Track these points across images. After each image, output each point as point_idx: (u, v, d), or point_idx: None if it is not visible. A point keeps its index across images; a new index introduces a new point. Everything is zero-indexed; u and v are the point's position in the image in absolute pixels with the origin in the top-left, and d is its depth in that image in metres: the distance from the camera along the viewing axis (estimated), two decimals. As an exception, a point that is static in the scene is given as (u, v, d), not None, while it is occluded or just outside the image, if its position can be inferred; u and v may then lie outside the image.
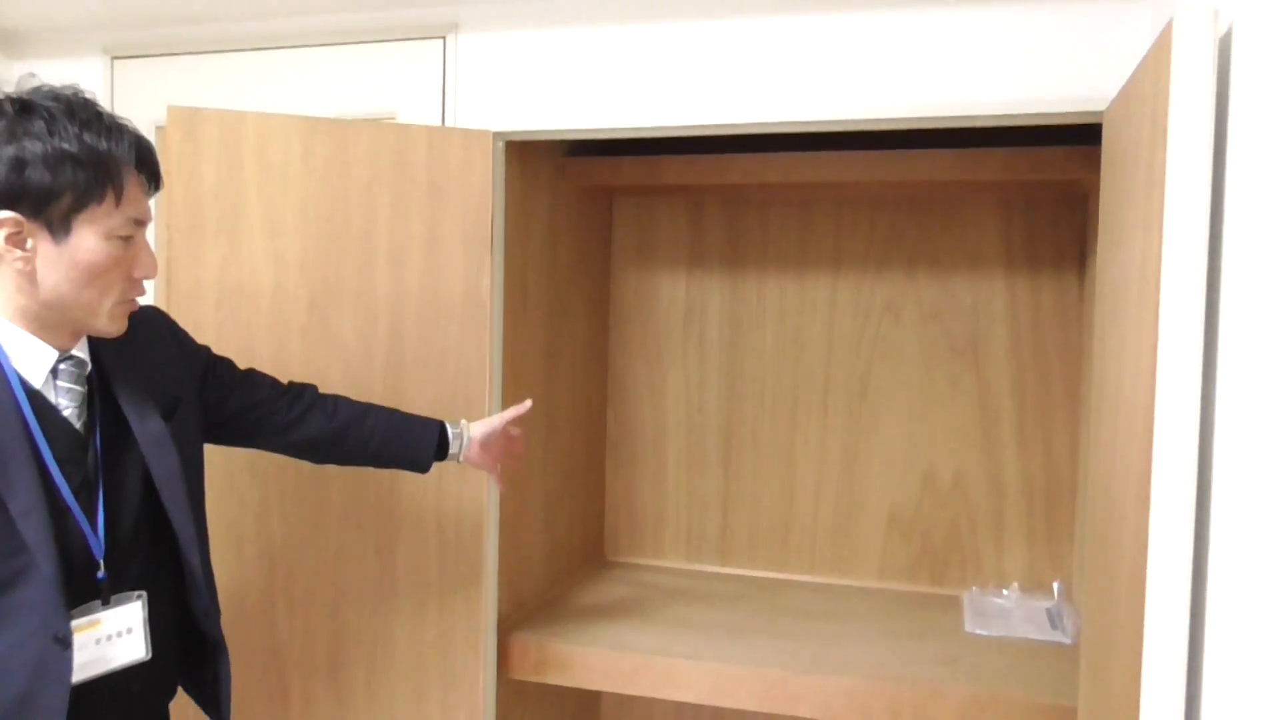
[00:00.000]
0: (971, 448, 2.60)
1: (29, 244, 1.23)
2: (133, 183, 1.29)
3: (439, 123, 2.13)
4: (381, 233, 1.96)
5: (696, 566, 2.80)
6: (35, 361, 1.29)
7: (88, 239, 1.25)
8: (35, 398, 1.29)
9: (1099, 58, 1.81)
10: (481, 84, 2.12)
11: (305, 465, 1.87)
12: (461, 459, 1.81)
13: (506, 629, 2.16)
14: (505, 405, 2.11)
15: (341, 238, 1.94)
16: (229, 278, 1.90)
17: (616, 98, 2.05)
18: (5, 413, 1.25)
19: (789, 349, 2.74)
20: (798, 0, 1.95)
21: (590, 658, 2.10)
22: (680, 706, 2.72)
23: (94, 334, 1.35)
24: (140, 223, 1.32)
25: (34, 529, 1.23)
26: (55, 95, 1.27)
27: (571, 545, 2.67)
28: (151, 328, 1.50)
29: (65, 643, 1.27)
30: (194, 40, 2.32)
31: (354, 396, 1.89)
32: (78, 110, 1.25)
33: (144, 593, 1.38)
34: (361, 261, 1.95)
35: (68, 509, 1.29)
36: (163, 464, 1.41)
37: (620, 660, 2.08)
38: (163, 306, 1.73)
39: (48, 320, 1.29)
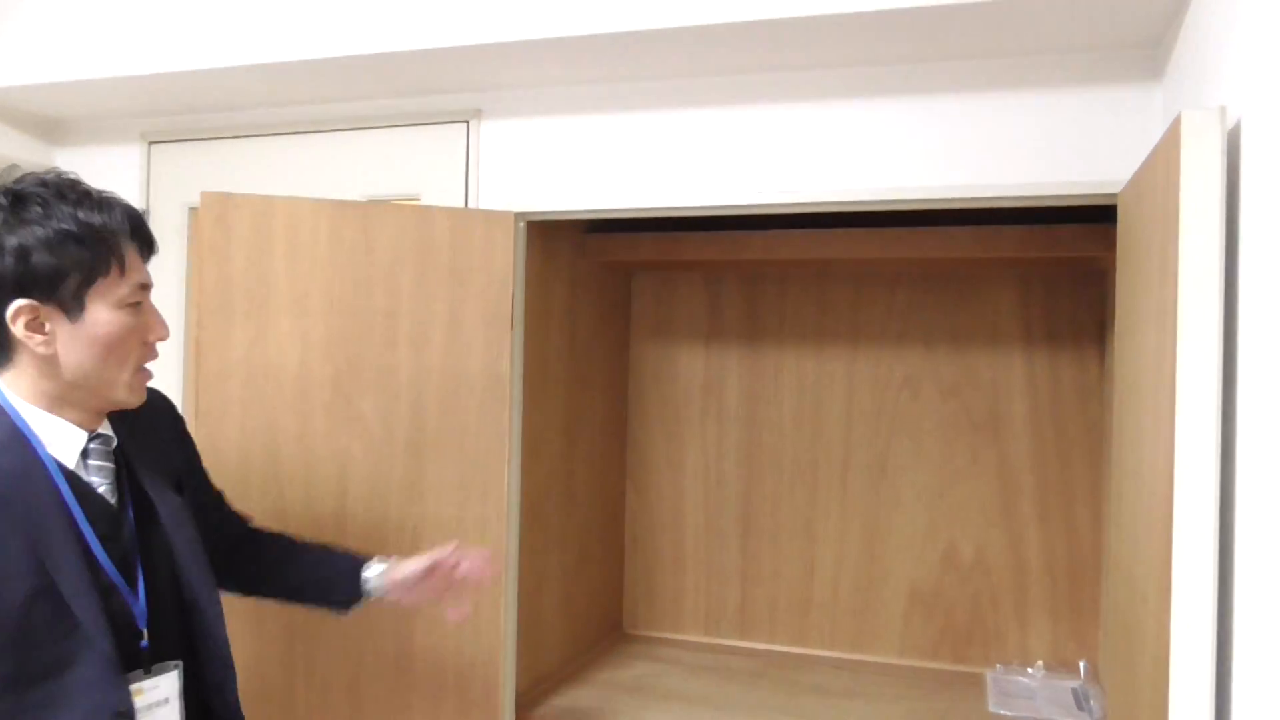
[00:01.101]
0: (993, 524, 2.59)
1: (47, 327, 1.26)
2: (131, 251, 1.31)
3: (462, 203, 2.18)
4: (404, 312, 2.00)
5: (715, 640, 2.78)
6: (67, 443, 1.31)
7: (101, 312, 1.28)
8: (72, 478, 1.31)
9: (1112, 141, 1.84)
10: (503, 166, 2.18)
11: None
12: (386, 599, 1.69)
13: (524, 705, 2.15)
14: (525, 483, 2.12)
15: (365, 317, 1.98)
16: (255, 358, 1.93)
17: (634, 179, 2.10)
18: (46, 497, 1.26)
19: (808, 423, 2.74)
20: (815, 87, 1.99)
21: (609, 737, 2.09)
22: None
23: (116, 406, 1.36)
24: (145, 287, 1.34)
25: (86, 608, 1.25)
26: (42, 181, 1.29)
27: (590, 619, 2.66)
28: (156, 407, 1.53)
29: (127, 716, 1.28)
30: (227, 126, 2.39)
31: (376, 475, 1.91)
32: (66, 191, 1.28)
33: (180, 662, 1.39)
34: (384, 341, 1.99)
35: (113, 584, 1.31)
36: (183, 535, 1.43)
37: (639, 741, 2.07)
38: (190, 387, 1.76)
39: (72, 400, 1.31)
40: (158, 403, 1.54)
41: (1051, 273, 2.55)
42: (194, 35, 2.13)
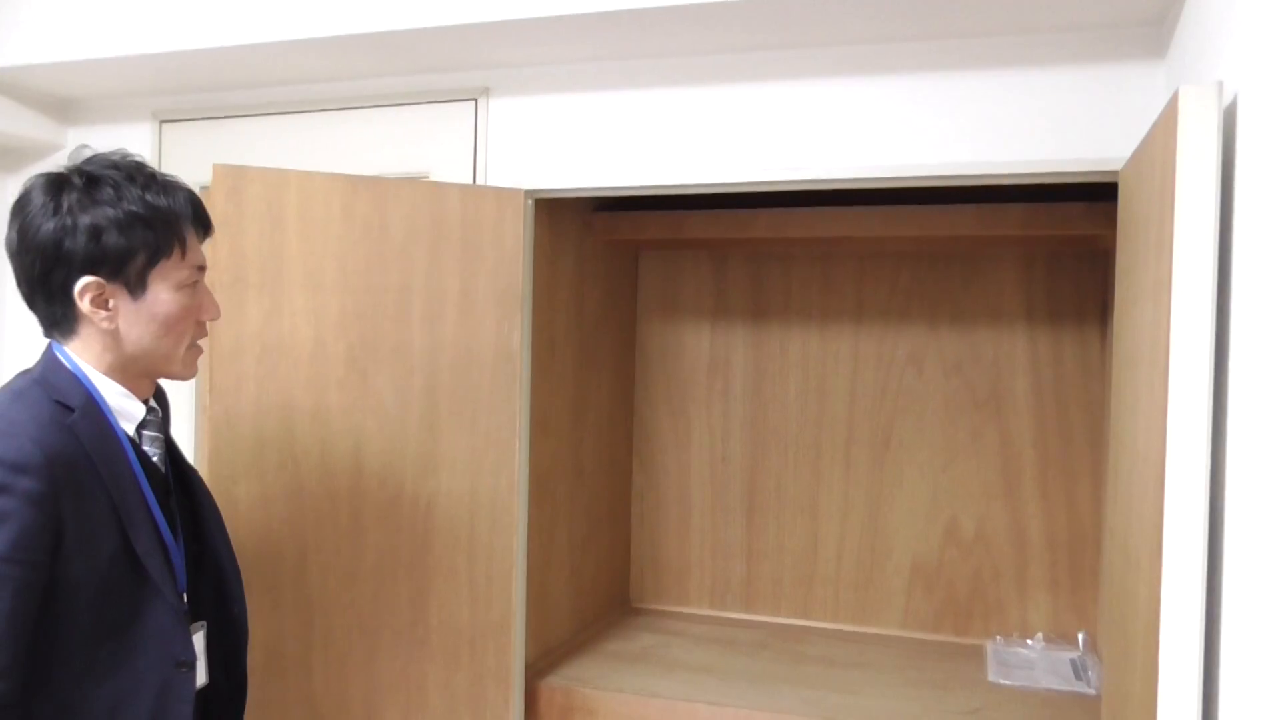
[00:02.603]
0: (994, 499, 2.63)
1: (111, 304, 1.32)
2: (191, 234, 1.37)
3: (470, 181, 2.20)
4: (417, 288, 2.02)
5: (720, 613, 2.82)
6: (130, 414, 1.38)
7: (162, 292, 1.34)
8: (135, 447, 1.38)
9: (1115, 119, 1.86)
10: (511, 144, 2.20)
11: (343, 517, 1.94)
12: None
13: (533, 675, 2.20)
14: (533, 459, 2.16)
15: (379, 294, 2.00)
16: (269, 333, 1.95)
17: (643, 157, 2.12)
18: (122, 463, 1.33)
19: (812, 400, 2.78)
20: (820, 65, 2.01)
21: (616, 703, 2.13)
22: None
23: (169, 378, 1.43)
24: (201, 269, 1.40)
25: (156, 565, 1.33)
26: (114, 164, 1.34)
27: (597, 592, 2.70)
28: (163, 392, 1.59)
29: (191, 665, 1.36)
30: (237, 105, 2.41)
31: (390, 451, 1.93)
32: (135, 174, 1.33)
33: (205, 623, 1.47)
34: (398, 317, 2.01)
35: (167, 546, 1.38)
36: (210, 504, 1.52)
37: (645, 706, 2.11)
38: (204, 362, 1.78)
39: (132, 372, 1.38)
40: (161, 388, 1.60)
41: (1054, 251, 2.58)
42: (205, 14, 2.15)
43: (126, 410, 1.37)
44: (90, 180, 1.31)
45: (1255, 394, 1.13)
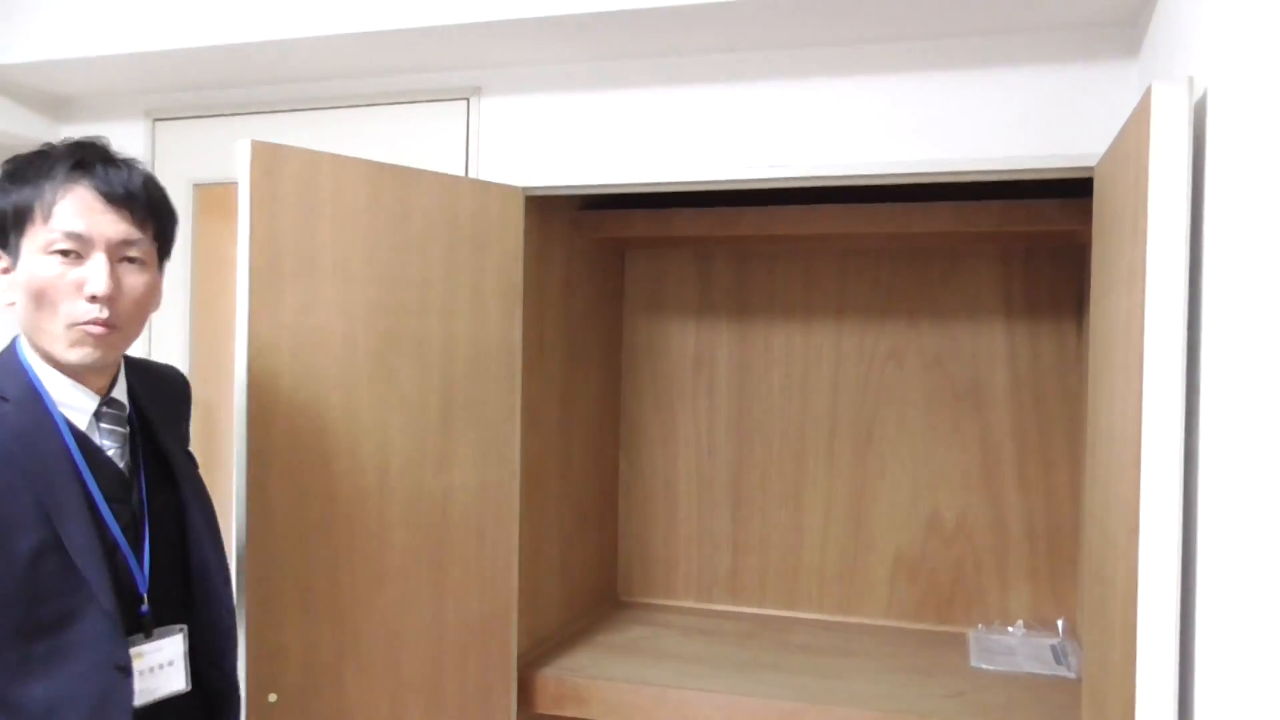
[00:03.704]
0: (975, 490, 2.68)
1: (10, 276, 1.31)
2: (71, 195, 1.28)
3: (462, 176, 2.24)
4: (435, 281, 2.00)
5: (707, 606, 2.87)
6: (79, 405, 1.34)
7: (30, 260, 1.28)
8: (83, 440, 1.34)
9: (1089, 117, 1.92)
10: (502, 142, 2.24)
11: (371, 517, 1.90)
12: None
13: (525, 665, 2.23)
14: (525, 451, 2.19)
15: (402, 285, 1.96)
16: (303, 326, 1.83)
17: (631, 155, 2.17)
18: (57, 456, 1.29)
19: (796, 395, 2.83)
20: (803, 65, 2.07)
21: (608, 691, 2.17)
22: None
23: (60, 364, 1.33)
24: (83, 238, 1.28)
25: (91, 566, 1.27)
26: (47, 143, 1.34)
27: (586, 586, 2.74)
28: (176, 384, 1.58)
29: (126, 670, 1.31)
30: (230, 103, 2.44)
31: (412, 447, 1.94)
32: (50, 151, 1.32)
33: (185, 626, 1.42)
34: (418, 310, 1.98)
35: (116, 545, 1.34)
36: (200, 503, 1.47)
37: (637, 693, 2.15)
38: (241, 357, 1.74)
39: (44, 355, 1.33)
40: (177, 379, 1.59)
41: (1031, 247, 2.64)
42: (198, 12, 2.17)
43: (73, 401, 1.33)
44: (15, 157, 1.33)
45: (1226, 376, 1.19)
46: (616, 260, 2.93)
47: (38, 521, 1.25)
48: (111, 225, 1.30)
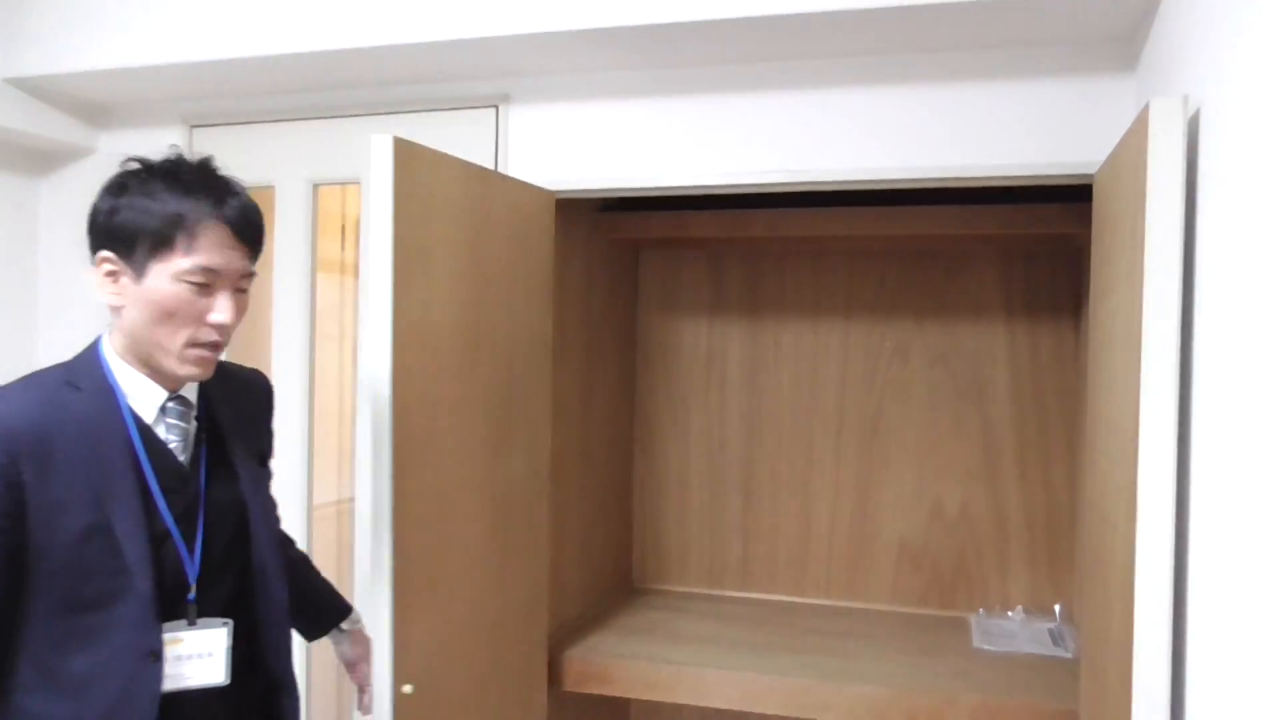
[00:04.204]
0: (976, 481, 2.80)
1: (121, 281, 1.40)
2: (211, 234, 1.39)
3: (492, 183, 2.35)
4: (503, 278, 2.08)
5: (719, 592, 2.98)
6: (147, 399, 1.44)
7: (162, 281, 1.38)
8: (146, 432, 1.44)
9: (1090, 126, 2.03)
10: (530, 148, 2.35)
11: (466, 507, 1.95)
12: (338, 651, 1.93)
13: (551, 646, 2.34)
14: (552, 444, 2.30)
15: (483, 282, 2.01)
16: (425, 323, 1.85)
17: (650, 160, 2.28)
18: (117, 445, 1.39)
19: (804, 390, 2.94)
20: (816, 75, 2.17)
21: (630, 670, 2.28)
22: (704, 715, 2.90)
23: (166, 372, 1.44)
24: (217, 272, 1.40)
25: (135, 550, 1.37)
26: (170, 159, 1.44)
27: (604, 573, 2.85)
28: (257, 387, 1.68)
29: (157, 656, 1.40)
30: (267, 110, 2.54)
31: (491, 439, 2.03)
32: (177, 171, 1.41)
33: (230, 621, 1.50)
34: (494, 305, 2.05)
35: (168, 533, 1.43)
36: (259, 501, 1.57)
37: (657, 672, 2.26)
38: (385, 353, 1.74)
39: (140, 356, 1.43)
40: (259, 383, 1.69)
41: (1032, 249, 2.75)
42: (235, 25, 2.27)
43: (142, 396, 1.43)
44: (141, 168, 1.42)
45: (1218, 369, 1.30)
46: (632, 260, 3.04)
47: (90, 503, 1.35)
48: (238, 261, 1.43)
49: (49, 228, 2.75)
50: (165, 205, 1.37)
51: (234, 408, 1.58)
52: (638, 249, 3.05)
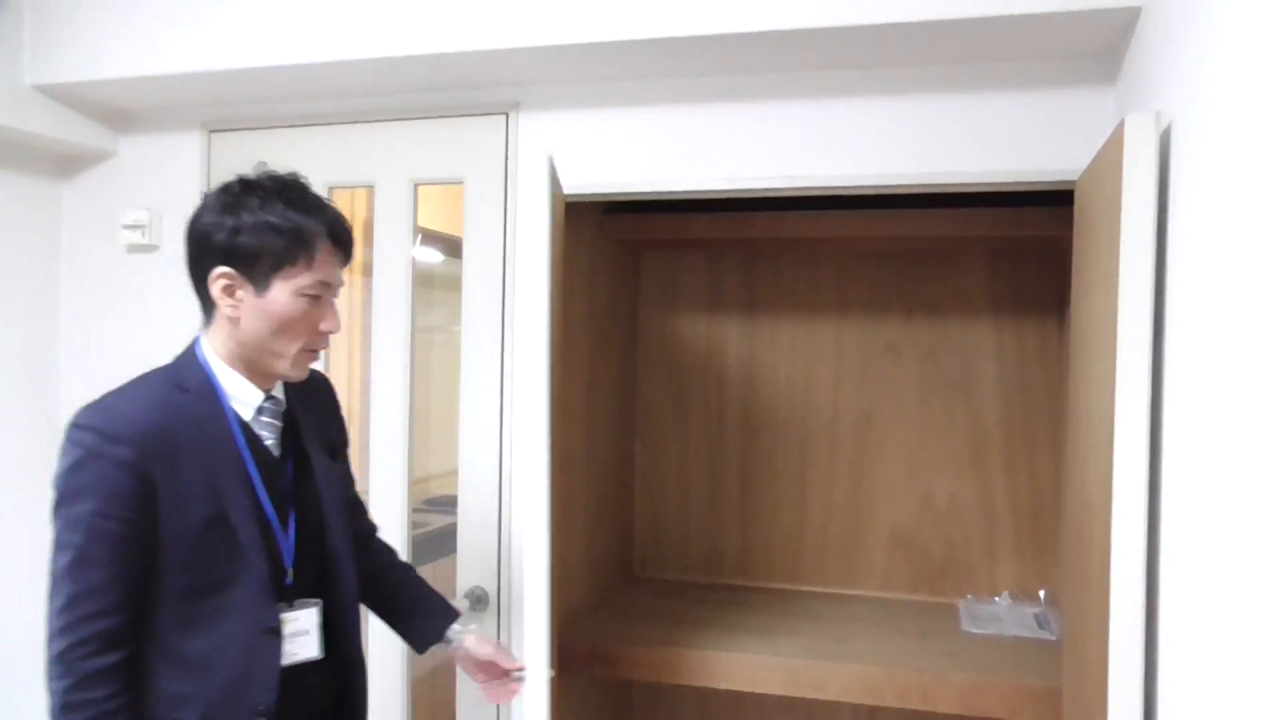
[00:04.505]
0: (965, 473, 2.92)
1: (238, 295, 1.52)
2: (323, 252, 1.54)
3: (503, 187, 2.45)
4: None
5: (718, 580, 3.09)
6: (246, 399, 1.57)
7: (282, 294, 1.51)
8: (246, 429, 1.57)
9: (1072, 136, 2.14)
10: (539, 153, 2.44)
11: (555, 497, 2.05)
12: (452, 655, 1.93)
13: (560, 630, 2.44)
14: (557, 436, 2.40)
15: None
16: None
17: (654, 164, 2.38)
18: (225, 441, 1.52)
19: (799, 385, 3.06)
20: (812, 86, 2.28)
21: (634, 653, 2.39)
22: (704, 696, 3.01)
23: (278, 376, 1.59)
24: (328, 285, 1.56)
25: (250, 538, 1.50)
26: (272, 178, 1.55)
27: (607, 562, 2.96)
28: (322, 389, 1.80)
29: (276, 632, 1.54)
30: (284, 116, 2.64)
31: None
32: (285, 190, 1.53)
33: (320, 601, 1.64)
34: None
35: (270, 523, 1.56)
36: (332, 493, 1.70)
37: (661, 654, 2.37)
38: (543, 359, 1.94)
39: (247, 360, 1.56)
40: (321, 383, 1.81)
41: (1018, 251, 2.87)
42: (256, 35, 2.35)
43: (243, 396, 1.56)
44: (246, 188, 1.52)
45: (1188, 365, 1.42)
46: (633, 260, 3.15)
47: (208, 496, 1.47)
48: (341, 274, 1.60)
49: (70, 228, 2.84)
50: (286, 225, 1.50)
51: (307, 406, 1.70)
52: (639, 249, 3.16)
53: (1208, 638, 1.28)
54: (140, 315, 2.76)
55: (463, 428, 2.48)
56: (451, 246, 2.99)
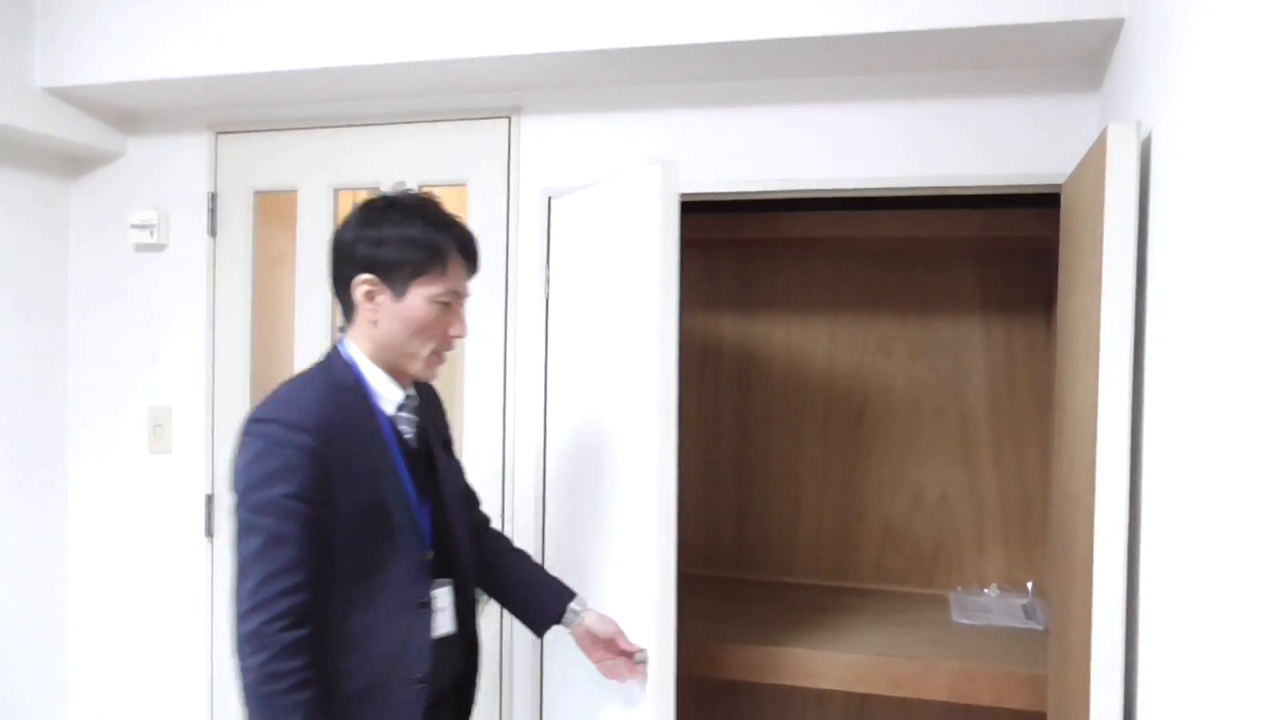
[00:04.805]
0: (955, 467, 2.99)
1: (377, 300, 1.64)
2: (455, 264, 1.67)
3: (504, 188, 2.51)
4: None
5: (713, 573, 3.16)
6: (389, 396, 1.69)
7: (418, 300, 1.64)
8: (391, 423, 1.69)
9: (1059, 140, 2.21)
10: (539, 155, 2.51)
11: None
12: (571, 634, 1.98)
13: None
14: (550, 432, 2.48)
15: None
16: None
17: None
18: (378, 433, 1.65)
19: (794, 382, 3.12)
20: (807, 92, 2.34)
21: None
22: (699, 685, 3.08)
23: (410, 376, 1.72)
24: (458, 294, 1.69)
25: (402, 520, 1.64)
26: (411, 197, 1.69)
27: (605, 555, 3.02)
28: (430, 391, 1.91)
29: (427, 606, 1.67)
30: (290, 118, 2.69)
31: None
32: (422, 208, 1.66)
33: (452, 580, 1.75)
34: None
35: (414, 508, 1.68)
36: (453, 483, 1.84)
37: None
38: (672, 361, 1.97)
39: (383, 361, 1.68)
40: (432, 388, 1.93)
41: (1006, 251, 2.94)
42: (263, 40, 2.40)
43: (386, 393, 1.69)
44: (389, 205, 1.66)
45: (1167, 362, 1.49)
46: (630, 259, 3.20)
47: (368, 482, 1.60)
48: (467, 284, 1.73)
49: (79, 227, 2.89)
50: (424, 238, 1.64)
51: (425, 406, 1.82)
52: (636, 248, 3.21)
53: (1186, 626, 1.35)
54: (148, 313, 2.82)
55: (465, 425, 2.54)
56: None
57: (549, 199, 2.45)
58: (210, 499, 2.78)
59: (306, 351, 2.71)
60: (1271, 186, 1.06)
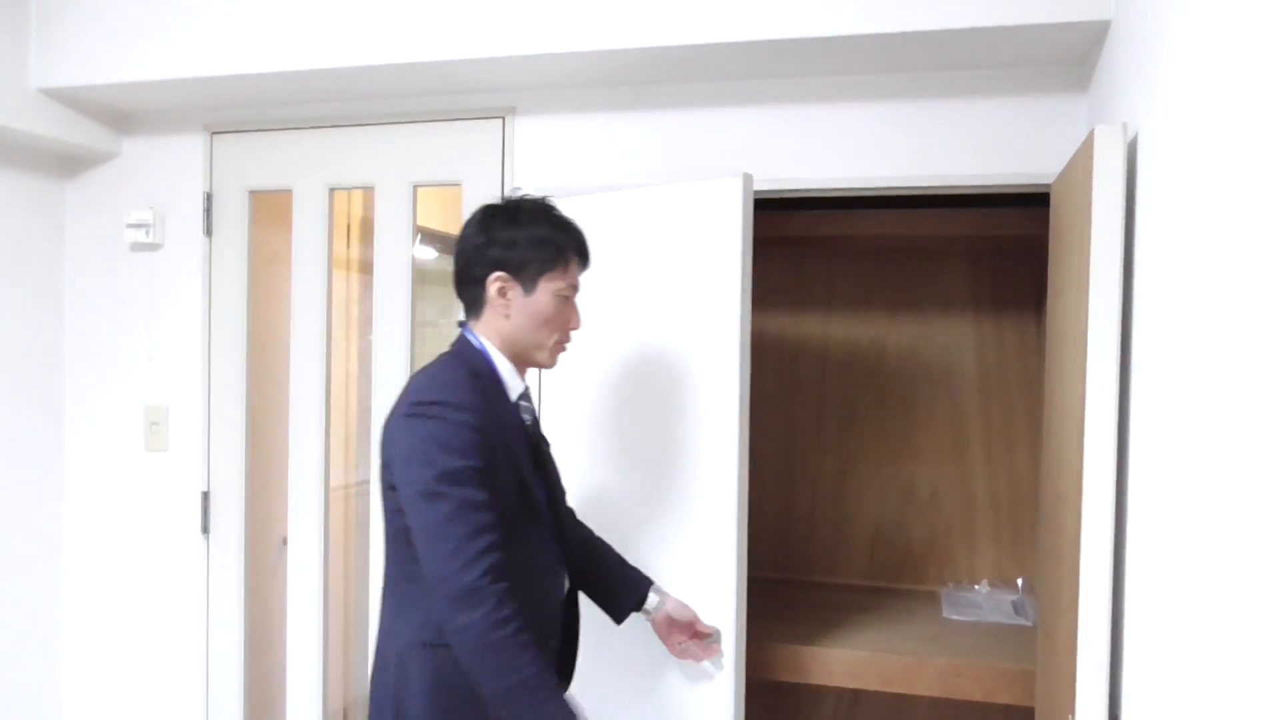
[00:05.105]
0: (946, 464, 3.01)
1: (508, 295, 1.76)
2: (574, 261, 1.80)
3: (499, 189, 2.53)
4: None
5: (707, 571, 3.17)
6: (515, 385, 1.80)
7: (545, 295, 1.76)
8: (515, 409, 1.80)
9: (1047, 141, 2.24)
10: (534, 155, 2.53)
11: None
12: (650, 619, 2.11)
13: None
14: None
15: None
16: None
17: (643, 166, 2.46)
18: (512, 416, 1.77)
19: (787, 380, 3.14)
20: (798, 92, 2.37)
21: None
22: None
23: (534, 364, 1.83)
24: (575, 288, 1.82)
25: (538, 493, 1.79)
26: (532, 202, 1.82)
27: (599, 552, 3.04)
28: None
29: (562, 567, 1.88)
30: (285, 118, 2.70)
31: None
32: (544, 211, 1.80)
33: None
34: None
35: (538, 486, 1.81)
36: (555, 467, 1.96)
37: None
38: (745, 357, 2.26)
39: (510, 353, 1.79)
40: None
41: (997, 249, 2.96)
42: (257, 41, 2.41)
43: (511, 382, 1.79)
44: (516, 208, 1.78)
45: (1154, 359, 1.51)
46: (624, 258, 3.22)
47: (510, 459, 1.73)
48: (580, 283, 1.85)
49: (74, 227, 2.91)
50: (550, 238, 1.77)
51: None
52: (630, 247, 3.23)
53: (1170, 621, 1.37)
54: (144, 312, 2.83)
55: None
56: (445, 243, 3.07)
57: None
58: (206, 496, 2.79)
59: (302, 349, 2.73)
60: (1254, 188, 1.08)
